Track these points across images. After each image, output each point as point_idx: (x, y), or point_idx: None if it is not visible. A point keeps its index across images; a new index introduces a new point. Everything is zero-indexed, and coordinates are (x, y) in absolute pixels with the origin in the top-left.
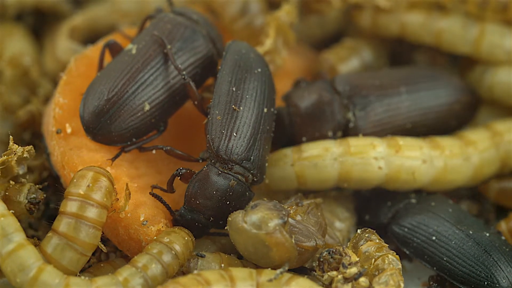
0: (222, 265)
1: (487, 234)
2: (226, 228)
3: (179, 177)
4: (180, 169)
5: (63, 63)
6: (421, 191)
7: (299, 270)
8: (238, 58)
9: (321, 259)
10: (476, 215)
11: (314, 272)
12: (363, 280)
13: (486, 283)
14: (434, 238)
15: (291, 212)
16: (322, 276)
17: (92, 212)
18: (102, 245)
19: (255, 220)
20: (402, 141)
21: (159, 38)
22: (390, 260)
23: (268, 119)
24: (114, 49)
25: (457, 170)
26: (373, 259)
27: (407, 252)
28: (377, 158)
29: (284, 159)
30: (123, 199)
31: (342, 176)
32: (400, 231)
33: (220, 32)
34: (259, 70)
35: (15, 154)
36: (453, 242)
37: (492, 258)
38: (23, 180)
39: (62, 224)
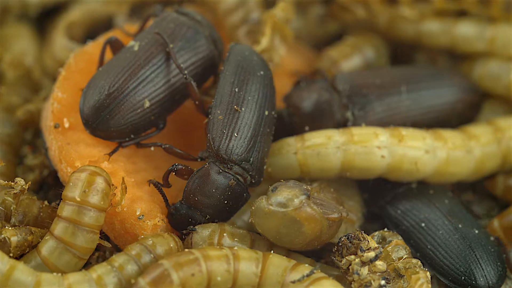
0: (225, 233)
1: (476, 231)
2: (249, 220)
3: (174, 173)
4: (176, 165)
5: (60, 61)
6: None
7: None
8: (241, 59)
9: (340, 244)
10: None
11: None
12: (380, 263)
13: (463, 278)
14: (423, 224)
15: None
16: (341, 261)
17: (89, 217)
18: (106, 242)
19: (280, 200)
20: (405, 131)
21: (161, 37)
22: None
23: (269, 122)
24: (115, 45)
25: (459, 162)
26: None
27: None
28: (380, 147)
29: (287, 147)
30: (119, 194)
31: (345, 165)
32: (393, 212)
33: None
34: (262, 73)
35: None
36: (440, 232)
37: (475, 255)
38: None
39: (58, 228)
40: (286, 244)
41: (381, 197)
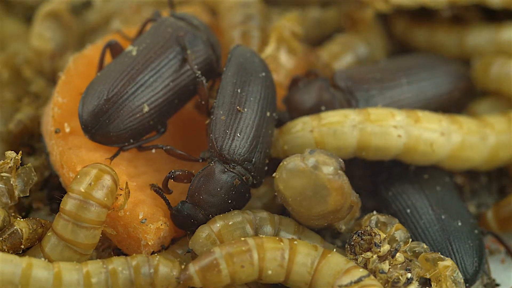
0: (218, 224)
1: (459, 224)
2: (274, 175)
3: (172, 179)
4: (173, 171)
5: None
6: None
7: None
8: (243, 61)
9: (352, 243)
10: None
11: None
12: (398, 255)
13: None
14: (408, 211)
15: None
16: (356, 260)
17: (91, 212)
18: (112, 230)
19: (316, 162)
20: (421, 113)
21: (181, 40)
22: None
23: (270, 123)
24: (115, 49)
25: (474, 148)
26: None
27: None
28: (397, 126)
29: (303, 125)
30: (122, 198)
31: (361, 144)
32: (385, 193)
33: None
34: (263, 74)
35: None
36: (422, 221)
37: (452, 248)
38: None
39: (60, 226)
40: (303, 208)
41: (377, 173)
